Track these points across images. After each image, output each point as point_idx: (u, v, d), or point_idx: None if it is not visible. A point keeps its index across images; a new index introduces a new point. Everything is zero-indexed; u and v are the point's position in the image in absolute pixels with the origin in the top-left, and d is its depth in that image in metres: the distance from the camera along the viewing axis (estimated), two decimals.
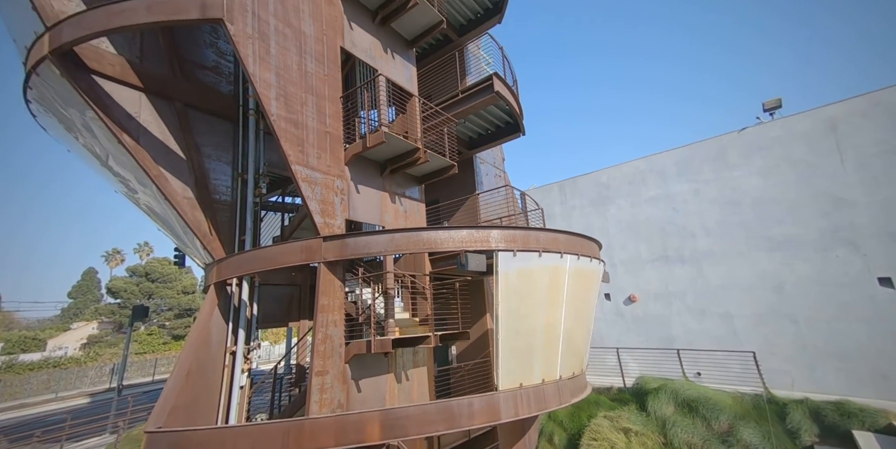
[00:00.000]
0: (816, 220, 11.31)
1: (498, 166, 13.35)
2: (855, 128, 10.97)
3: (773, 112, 13.21)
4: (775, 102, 13.18)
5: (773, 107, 13.22)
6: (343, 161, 7.09)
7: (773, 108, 13.22)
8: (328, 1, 7.43)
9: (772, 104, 13.24)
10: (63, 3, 6.72)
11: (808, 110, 11.93)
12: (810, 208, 11.44)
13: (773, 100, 13.28)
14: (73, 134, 7.76)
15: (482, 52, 12.51)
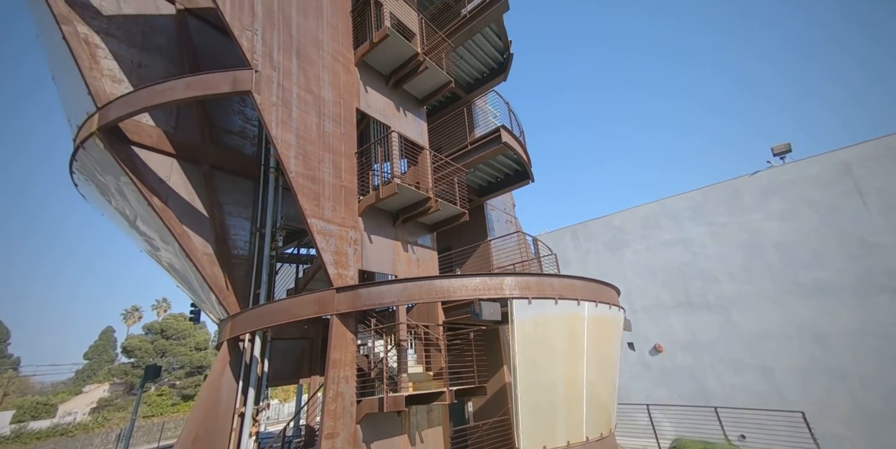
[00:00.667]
0: (848, 265, 10.82)
1: (509, 212, 13.52)
2: (871, 171, 10.91)
3: (783, 156, 13.34)
4: (785, 147, 13.36)
5: (782, 151, 13.37)
6: (357, 212, 7.31)
7: (782, 152, 13.37)
8: (346, 69, 8.18)
9: (781, 149, 13.41)
10: (114, 87, 7.59)
11: (819, 154, 12.01)
12: (838, 252, 11.01)
13: (783, 144, 13.46)
14: (107, 197, 8.31)
15: (489, 107, 13.28)
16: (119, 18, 8.26)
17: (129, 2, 8.55)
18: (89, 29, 7.70)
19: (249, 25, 6.44)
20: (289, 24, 7.14)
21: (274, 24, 6.87)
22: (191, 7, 9.45)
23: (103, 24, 7.95)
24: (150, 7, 8.90)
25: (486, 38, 10.96)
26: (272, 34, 6.78)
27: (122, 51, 8.05)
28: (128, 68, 8.04)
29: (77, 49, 7.28)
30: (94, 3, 7.95)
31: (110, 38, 7.96)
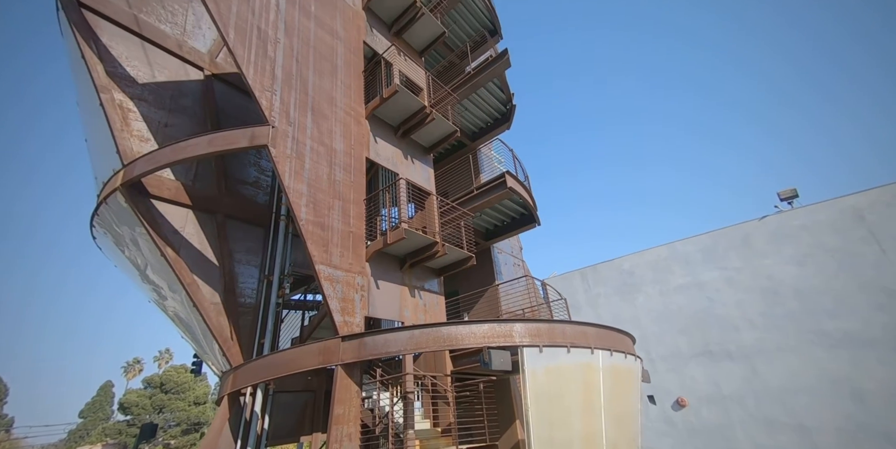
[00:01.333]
0: (874, 314, 10.38)
1: (516, 256, 13.45)
2: (884, 218, 10.87)
3: (790, 201, 13.40)
4: (791, 192, 13.47)
5: (789, 196, 13.45)
6: (364, 258, 7.36)
7: (789, 197, 13.45)
8: (357, 122, 8.68)
9: (787, 194, 13.50)
10: (141, 145, 8.16)
11: (827, 200, 12.07)
12: (862, 300, 10.63)
13: (789, 190, 13.58)
14: (122, 248, 8.55)
15: (494, 153, 13.77)
16: (152, 85, 9.07)
17: (162, 70, 9.43)
18: (124, 96, 8.45)
19: (269, 87, 7.00)
20: (305, 85, 7.74)
21: (292, 86, 7.45)
22: (217, 72, 10.37)
23: (137, 91, 8.73)
24: (181, 74, 9.79)
25: (489, 91, 11.68)
26: (290, 94, 7.33)
27: (151, 113, 8.75)
28: (155, 128, 8.67)
29: (111, 114, 7.94)
30: (131, 73, 8.79)
31: (142, 102, 8.70)
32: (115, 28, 8.93)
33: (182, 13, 10.31)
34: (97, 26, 8.64)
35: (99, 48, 8.49)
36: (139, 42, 9.24)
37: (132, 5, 9.31)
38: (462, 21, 12.27)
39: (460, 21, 12.25)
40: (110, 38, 8.78)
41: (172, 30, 9.97)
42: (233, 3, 6.93)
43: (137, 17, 9.31)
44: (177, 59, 9.80)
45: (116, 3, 9.08)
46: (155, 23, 9.66)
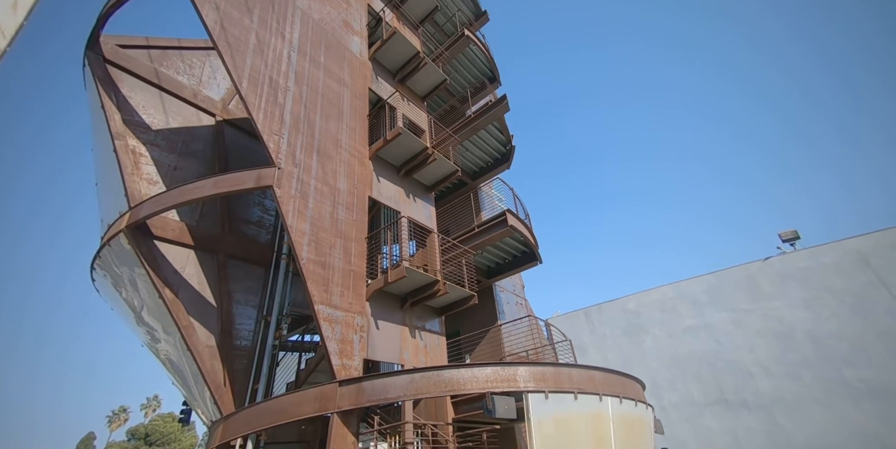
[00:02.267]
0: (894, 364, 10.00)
1: (518, 294, 13.21)
2: (890, 262, 10.90)
3: (792, 243, 13.45)
4: (792, 234, 13.58)
5: (791, 238, 13.55)
6: (365, 297, 7.24)
7: (791, 239, 13.54)
8: (361, 163, 8.93)
9: (789, 235, 13.61)
10: (149, 188, 8.39)
11: (830, 243, 12.14)
12: (881, 349, 10.30)
13: (790, 231, 13.70)
14: (119, 289, 8.48)
15: (495, 192, 13.98)
16: (165, 131, 9.50)
17: (176, 117, 9.93)
18: (138, 141, 8.83)
19: (277, 131, 7.31)
20: (312, 128, 8.08)
21: (299, 130, 7.78)
22: (228, 118, 10.88)
23: (150, 137, 9.13)
24: (194, 120, 10.29)
25: (489, 133, 12.13)
26: (297, 137, 7.63)
27: (162, 157, 9.08)
28: (164, 171, 8.95)
29: (124, 159, 8.26)
30: (146, 120, 9.26)
31: (154, 147, 9.07)
32: (136, 80, 9.52)
33: (199, 66, 11.03)
34: (119, 79, 9.22)
35: (118, 98, 8.99)
36: (157, 92, 9.81)
37: (154, 59, 10.00)
38: (463, 69, 13.05)
39: (461, 69, 13.03)
40: (130, 89, 9.33)
41: (189, 80, 10.61)
42: (248, 56, 7.43)
43: (158, 70, 9.96)
44: (191, 107, 10.34)
45: (139, 58, 9.75)
46: (173, 74, 10.31)
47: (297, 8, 8.94)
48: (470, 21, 14.26)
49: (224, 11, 7.43)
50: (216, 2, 7.38)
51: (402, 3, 12.23)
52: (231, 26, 7.39)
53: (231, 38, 7.27)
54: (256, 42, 7.69)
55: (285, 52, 8.20)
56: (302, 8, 9.04)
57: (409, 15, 12.41)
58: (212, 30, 7.05)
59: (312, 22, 9.16)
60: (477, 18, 14.49)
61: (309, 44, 8.81)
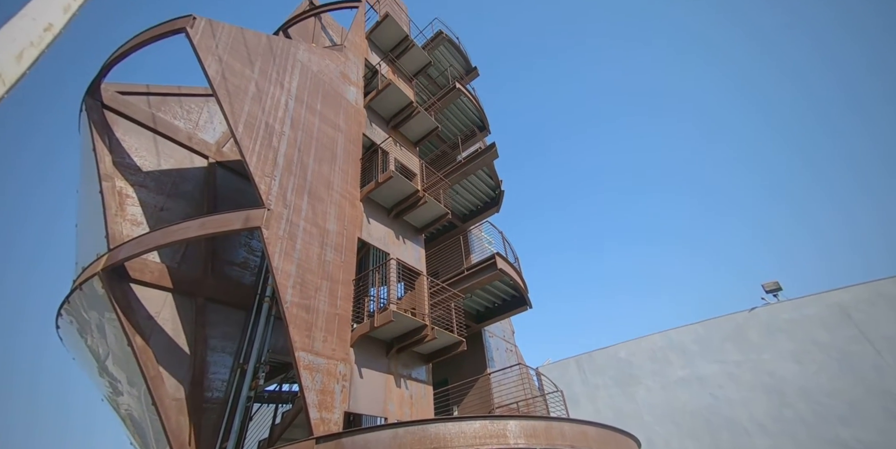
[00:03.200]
0: (890, 423, 9.81)
1: (508, 340, 12.81)
2: (870, 317, 11.16)
3: (775, 294, 13.75)
4: (774, 285, 13.95)
5: (773, 289, 13.90)
6: (349, 342, 6.93)
7: (773, 290, 13.88)
8: (352, 204, 8.98)
9: (771, 286, 13.97)
10: (132, 229, 8.19)
11: (811, 295, 12.49)
12: (873, 406, 10.18)
13: (772, 283, 14.06)
14: (85, 336, 7.96)
15: (484, 234, 14.07)
16: (156, 172, 9.48)
17: (168, 159, 9.99)
18: (126, 183, 8.74)
19: (270, 173, 7.39)
20: (305, 171, 8.20)
21: (292, 172, 7.89)
22: (221, 160, 11.04)
23: (140, 178, 9.06)
24: (186, 162, 10.36)
25: (479, 178, 12.46)
26: (289, 179, 7.72)
27: (149, 198, 8.97)
28: (150, 212, 8.81)
29: (109, 200, 8.10)
30: (137, 162, 9.25)
31: (142, 188, 8.97)
32: (131, 124, 9.64)
33: (197, 111, 11.35)
34: (114, 123, 9.30)
35: (111, 141, 9.01)
36: (151, 135, 9.92)
37: (152, 105, 10.26)
38: (454, 118, 13.70)
39: (452, 118, 13.68)
40: (124, 133, 9.41)
41: (185, 125, 10.84)
42: (246, 103, 7.71)
43: (155, 115, 10.17)
44: (184, 149, 10.46)
45: (137, 103, 9.98)
46: (170, 119, 10.53)
47: (298, 61, 9.47)
48: (461, 75, 15.24)
49: (226, 63, 7.82)
50: (219, 54, 7.79)
51: (397, 58, 13.09)
52: (232, 76, 7.74)
53: (231, 86, 7.58)
54: (256, 90, 8.02)
55: (283, 99, 8.54)
56: (302, 61, 9.58)
57: (403, 68, 13.24)
58: (213, 79, 7.35)
59: (311, 73, 9.66)
60: (468, 73, 15.51)
61: (306, 92, 9.22)
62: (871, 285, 11.36)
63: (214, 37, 7.88)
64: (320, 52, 10.45)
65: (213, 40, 7.79)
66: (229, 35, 8.21)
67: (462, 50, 15.15)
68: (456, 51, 15.02)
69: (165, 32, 8.03)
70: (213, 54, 7.64)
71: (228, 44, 8.08)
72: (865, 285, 11.49)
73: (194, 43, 7.45)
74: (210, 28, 7.90)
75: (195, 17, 7.80)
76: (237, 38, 8.33)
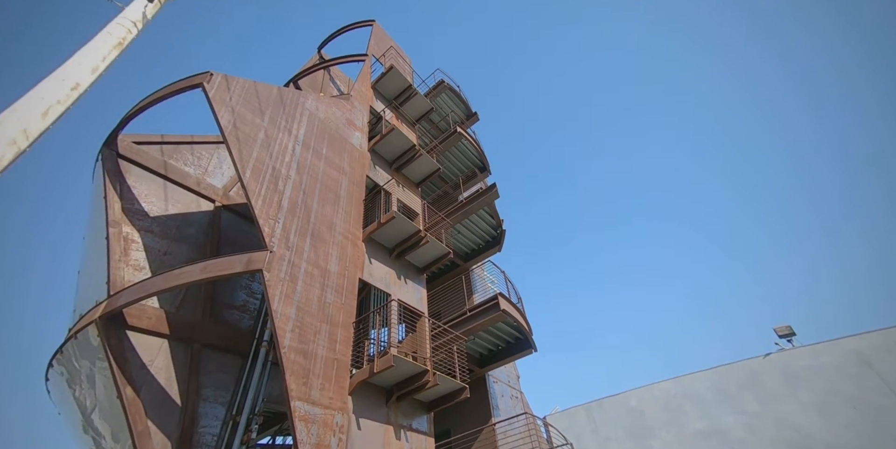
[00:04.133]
0: None
1: (513, 386, 12.22)
2: (892, 367, 10.70)
3: (789, 339, 13.32)
4: (787, 329, 13.54)
5: (786, 334, 13.47)
6: (347, 390, 6.64)
7: (786, 334, 13.45)
8: (354, 245, 9.00)
9: (784, 331, 13.56)
10: (134, 274, 8.16)
11: (826, 341, 12.07)
12: None
13: (784, 327, 13.64)
14: (74, 387, 7.68)
15: (486, 274, 13.91)
16: (162, 217, 9.63)
17: (176, 204, 10.17)
18: (133, 228, 8.81)
19: (274, 216, 7.52)
20: (308, 213, 8.34)
21: (296, 214, 8.02)
22: (227, 203, 11.28)
23: (146, 224, 9.14)
24: (193, 206, 10.56)
25: (480, 217, 12.60)
26: (292, 221, 7.83)
27: (153, 243, 9.00)
28: (153, 257, 8.81)
29: (114, 246, 8.12)
30: (145, 208, 9.39)
31: (148, 233, 9.02)
32: (143, 171, 9.90)
33: (207, 157, 11.77)
34: (126, 170, 9.52)
35: (122, 188, 9.18)
36: (162, 181, 10.19)
37: (165, 153, 10.66)
38: (455, 159, 14.14)
39: (454, 159, 14.12)
40: (136, 179, 9.63)
41: (195, 170, 11.18)
42: (254, 149, 8.04)
43: (167, 162, 10.53)
44: (192, 194, 10.71)
45: (150, 152, 10.31)
46: (181, 166, 10.86)
47: (306, 109, 10.00)
48: (462, 120, 15.96)
49: (238, 113, 8.25)
50: (232, 105, 8.25)
51: (401, 105, 13.80)
52: (243, 125, 8.14)
53: (241, 134, 7.94)
54: (264, 137, 8.39)
55: (290, 145, 8.90)
56: (310, 109, 10.12)
57: (406, 114, 13.91)
58: (225, 128, 7.71)
59: (318, 120, 10.15)
60: (468, 118, 16.24)
61: (313, 138, 9.63)
62: (888, 332, 10.97)
63: (229, 90, 8.39)
64: (328, 101, 11.06)
65: (227, 93, 8.29)
66: (243, 88, 8.74)
67: (462, 97, 15.99)
68: (457, 97, 15.85)
69: (184, 87, 8.55)
70: (226, 106, 8.09)
71: (241, 96, 8.58)
72: (882, 332, 11.09)
73: (210, 96, 7.91)
74: (225, 82, 8.44)
75: (212, 73, 8.37)
76: (250, 91, 8.86)
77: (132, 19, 5.28)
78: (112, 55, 4.82)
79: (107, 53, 4.74)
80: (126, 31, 5.13)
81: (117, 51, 4.91)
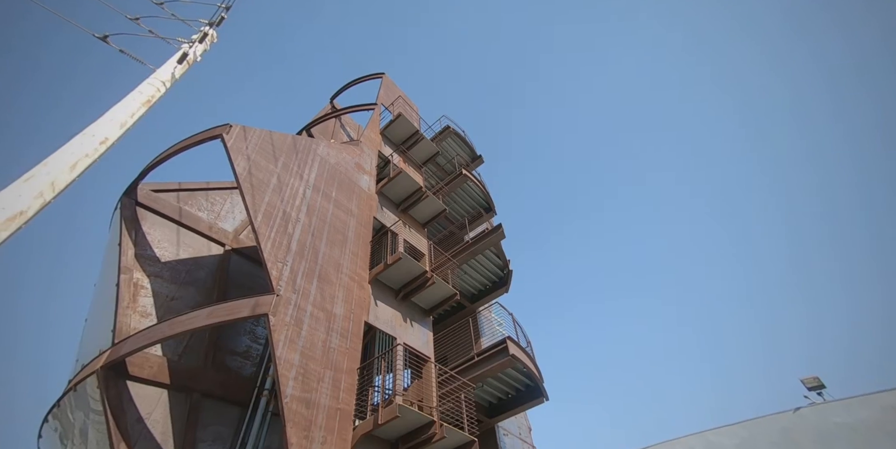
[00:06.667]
0: None
1: (525, 439, 11.44)
2: None
3: (819, 392, 12.52)
4: (815, 381, 12.72)
5: (815, 386, 12.65)
6: (350, 443, 6.29)
7: (815, 387, 12.63)
8: (360, 286, 8.94)
9: (813, 383, 12.73)
10: (140, 321, 8.12)
11: (859, 396, 11.26)
12: None
13: (812, 378, 12.82)
14: (65, 442, 7.40)
15: (494, 316, 13.57)
16: (173, 262, 9.74)
17: (187, 249, 10.30)
18: (143, 274, 8.84)
19: (282, 259, 7.59)
20: (316, 255, 8.41)
21: (304, 256, 8.10)
22: (237, 246, 11.44)
23: (157, 269, 9.19)
24: (204, 250, 10.69)
25: (486, 258, 12.56)
26: (300, 264, 7.88)
27: (162, 289, 9.00)
28: (161, 302, 8.78)
29: (124, 293, 8.14)
30: (157, 254, 9.47)
31: (157, 279, 9.04)
32: (158, 217, 10.07)
33: (221, 203, 12.11)
34: (142, 217, 9.76)
35: (137, 235, 9.36)
36: (175, 227, 10.41)
37: (180, 199, 11.02)
38: (461, 200, 14.40)
39: (459, 200, 14.39)
40: (150, 226, 9.81)
41: (208, 215, 11.43)
42: (267, 194, 8.31)
43: (182, 208, 10.84)
44: (203, 238, 10.89)
45: (167, 199, 10.62)
46: (195, 211, 11.09)
47: (318, 155, 10.44)
48: (467, 162, 16.46)
49: (253, 160, 8.64)
50: (248, 153, 8.67)
51: (408, 149, 14.35)
52: (257, 171, 8.49)
53: (255, 180, 8.26)
54: (277, 183, 8.71)
55: (301, 189, 9.20)
56: (321, 155, 10.56)
57: (413, 158, 14.42)
58: (240, 175, 8.03)
59: (329, 165, 10.56)
60: (473, 160, 16.77)
61: (323, 181, 9.95)
62: None
63: (246, 139, 8.87)
64: (338, 147, 11.57)
65: (244, 143, 8.75)
66: (259, 137, 9.22)
67: (468, 141, 16.62)
68: (462, 142, 16.48)
69: (204, 139, 9.04)
70: (242, 154, 8.49)
71: (258, 144, 9.03)
72: None
73: (228, 146, 8.34)
74: (243, 133, 8.95)
75: (231, 125, 8.90)
76: (265, 139, 9.34)
77: (162, 79, 5.75)
78: (140, 111, 5.19)
79: (136, 110, 5.11)
80: (155, 90, 5.57)
81: (145, 108, 5.29)
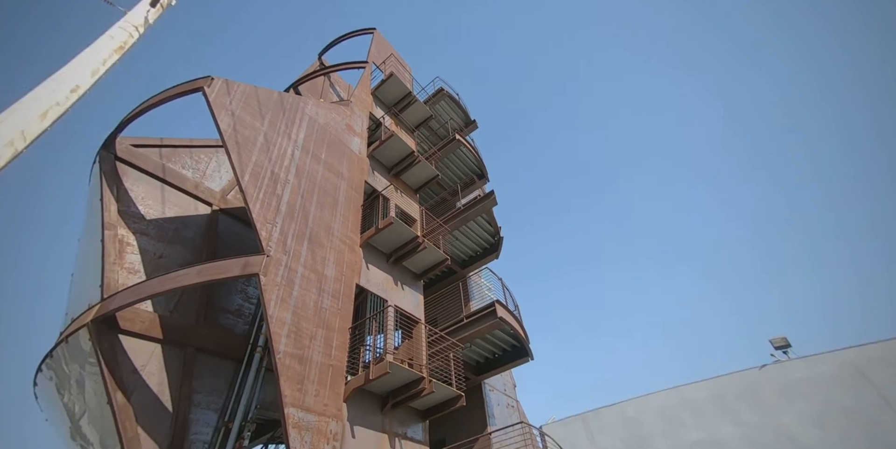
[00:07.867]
0: None
1: (510, 395, 12.12)
2: (890, 380, 10.67)
3: (785, 350, 13.35)
4: (783, 341, 13.60)
5: (782, 345, 13.52)
6: (342, 396, 6.56)
7: (782, 346, 13.50)
8: (351, 250, 8.96)
9: (780, 342, 13.61)
10: (128, 277, 8.09)
11: (822, 353, 12.07)
12: None
13: (780, 338, 13.72)
14: (63, 391, 7.56)
15: (484, 280, 13.86)
16: (159, 220, 9.59)
17: (173, 207, 10.12)
18: (128, 231, 8.76)
19: (272, 220, 7.49)
20: (306, 217, 8.31)
21: (293, 218, 8.00)
22: (225, 207, 11.25)
23: (142, 226, 9.08)
24: (190, 209, 10.51)
25: (478, 224, 12.59)
26: (290, 225, 7.80)
27: (149, 246, 8.93)
28: (148, 260, 8.74)
29: (109, 249, 8.05)
30: (142, 211, 9.32)
31: (144, 236, 8.95)
32: (140, 174, 9.86)
33: (206, 161, 11.75)
34: (124, 173, 9.45)
35: (119, 191, 9.12)
36: (159, 184, 10.15)
37: (163, 156, 10.63)
38: (454, 166, 14.18)
39: (452, 166, 14.16)
40: (133, 182, 9.59)
41: (193, 174, 11.15)
42: (253, 153, 8.03)
43: (165, 165, 10.51)
44: (189, 197, 10.67)
45: (149, 155, 10.28)
46: (179, 169, 10.83)
47: (306, 114, 10.03)
48: (461, 127, 16.05)
49: (238, 117, 8.26)
50: (232, 109, 8.27)
51: (400, 112, 13.87)
52: (243, 128, 8.14)
53: (241, 138, 7.95)
54: (264, 141, 8.40)
55: (289, 149, 8.91)
56: (310, 114, 10.15)
57: (406, 121, 13.97)
58: (224, 132, 7.70)
59: (318, 125, 10.18)
60: (467, 125, 16.34)
61: (312, 142, 9.64)
62: (886, 345, 10.96)
63: (229, 94, 8.42)
64: (328, 107, 11.11)
65: (227, 97, 8.31)
66: (243, 92, 8.77)
67: (462, 105, 16.10)
68: (456, 105, 15.96)
69: (184, 91, 8.57)
70: (226, 109, 8.10)
71: (242, 100, 8.60)
72: (880, 345, 11.08)
73: (210, 100, 7.93)
74: (226, 87, 8.48)
75: (213, 77, 8.41)
76: (250, 95, 8.89)
77: (134, 24, 5.30)
78: (113, 59, 4.83)
79: (108, 57, 4.75)
80: (128, 36, 5.15)
81: (118, 54, 4.92)
